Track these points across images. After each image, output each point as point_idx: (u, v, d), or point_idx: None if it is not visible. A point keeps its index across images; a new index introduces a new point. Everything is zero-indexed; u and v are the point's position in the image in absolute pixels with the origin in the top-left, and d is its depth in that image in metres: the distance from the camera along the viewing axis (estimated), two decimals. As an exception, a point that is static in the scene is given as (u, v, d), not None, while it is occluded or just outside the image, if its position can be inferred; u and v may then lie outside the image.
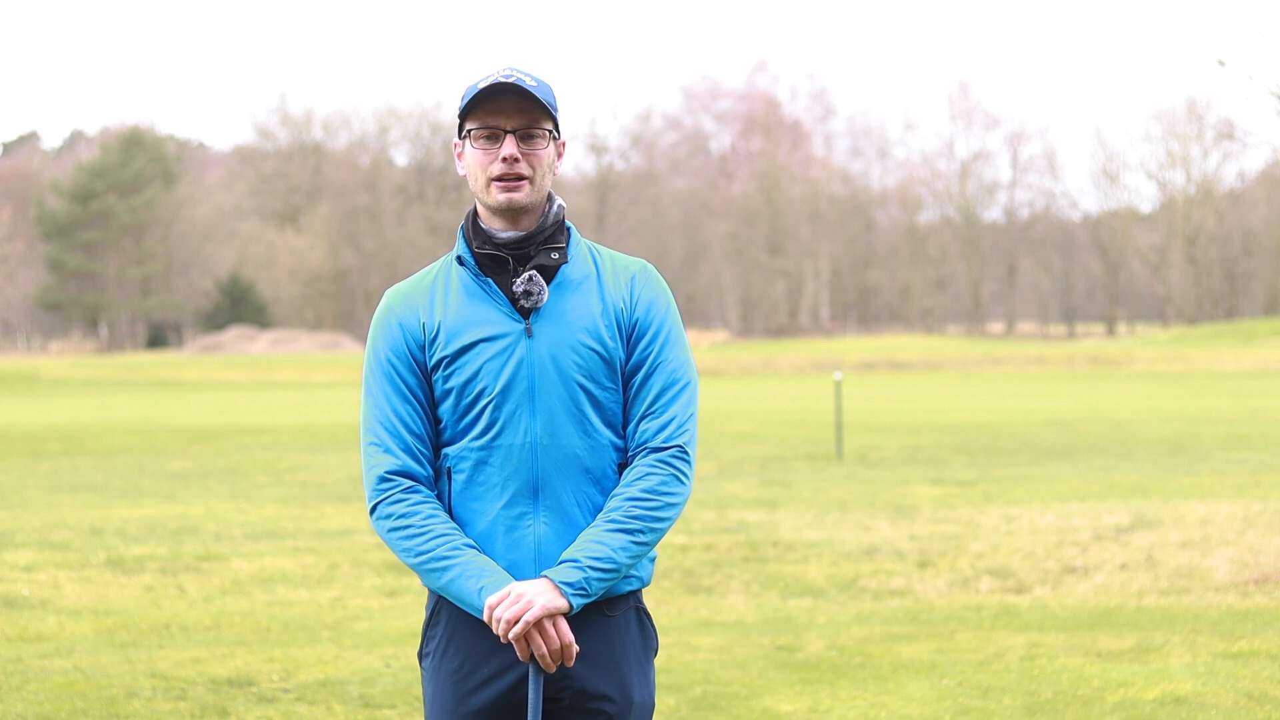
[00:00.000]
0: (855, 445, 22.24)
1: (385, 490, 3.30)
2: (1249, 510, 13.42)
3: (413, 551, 3.25)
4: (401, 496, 3.29)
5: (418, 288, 3.41)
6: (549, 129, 3.35)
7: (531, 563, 3.29)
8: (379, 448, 3.32)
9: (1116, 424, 26.54)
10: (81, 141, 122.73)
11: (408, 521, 3.27)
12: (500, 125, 3.32)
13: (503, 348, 3.30)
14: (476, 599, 3.20)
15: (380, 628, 9.30)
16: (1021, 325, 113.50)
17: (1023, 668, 7.80)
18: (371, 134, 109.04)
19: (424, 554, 3.24)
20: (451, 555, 3.23)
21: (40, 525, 14.13)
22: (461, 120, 3.37)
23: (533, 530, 3.30)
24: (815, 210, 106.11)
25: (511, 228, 3.35)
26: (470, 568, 3.22)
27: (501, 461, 3.30)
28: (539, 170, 3.33)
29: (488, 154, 3.33)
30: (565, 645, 3.20)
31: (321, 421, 30.67)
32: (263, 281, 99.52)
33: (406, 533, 3.26)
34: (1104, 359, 61.91)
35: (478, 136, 3.34)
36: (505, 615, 3.15)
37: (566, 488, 3.31)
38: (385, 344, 3.36)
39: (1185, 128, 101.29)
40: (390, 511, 3.29)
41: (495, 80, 3.30)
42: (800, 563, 11.45)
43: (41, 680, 7.74)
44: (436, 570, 3.23)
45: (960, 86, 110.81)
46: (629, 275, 3.42)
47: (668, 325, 3.40)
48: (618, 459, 3.37)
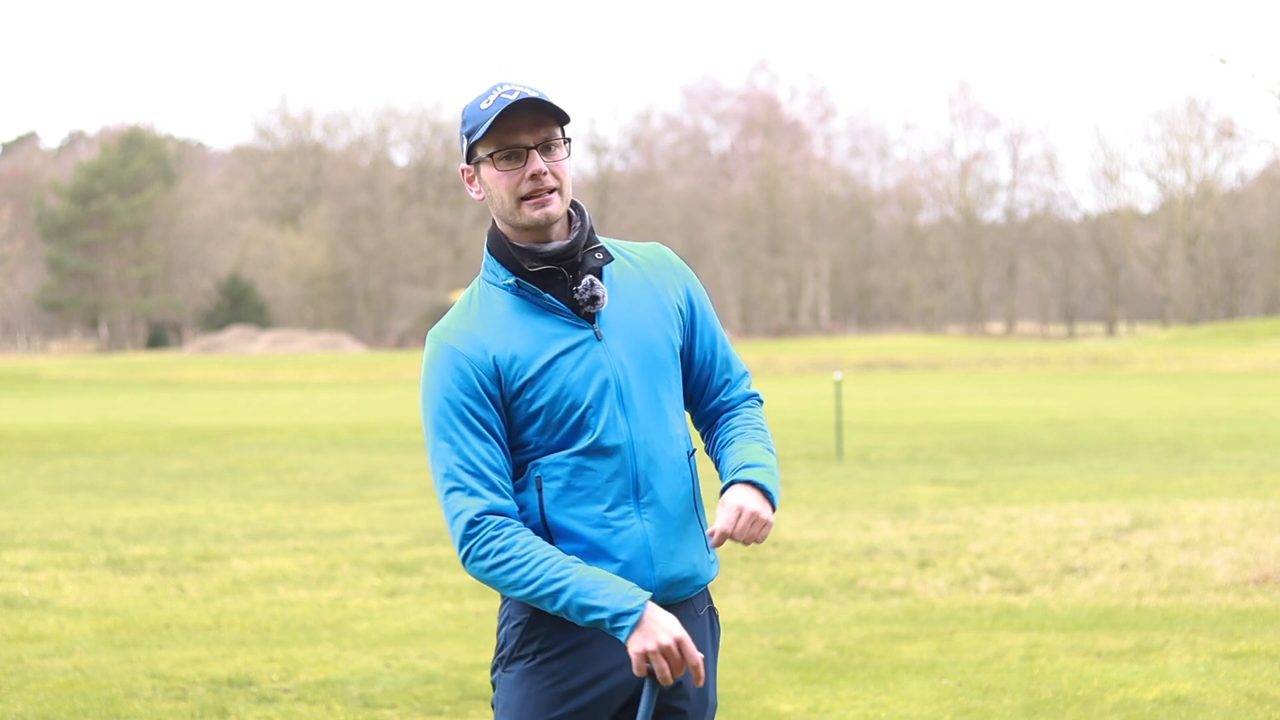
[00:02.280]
0: (855, 445, 22.23)
1: (478, 532, 3.23)
2: (1249, 510, 13.42)
3: (521, 582, 3.20)
4: (494, 533, 3.23)
5: (469, 320, 3.34)
6: (563, 136, 3.34)
7: (644, 561, 3.29)
8: (463, 492, 3.25)
9: (1116, 424, 26.54)
10: (81, 141, 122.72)
11: (508, 555, 3.21)
12: (522, 143, 3.28)
13: (581, 356, 3.28)
14: (604, 611, 3.16)
15: (380, 628, 9.30)
16: (1021, 325, 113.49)
17: (1023, 668, 7.80)
18: (371, 134, 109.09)
19: (533, 580, 3.19)
20: (563, 575, 3.18)
21: (40, 525, 14.13)
22: (471, 145, 3.33)
23: (639, 529, 3.29)
24: (815, 210, 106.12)
25: (545, 239, 3.32)
26: (585, 581, 3.18)
27: (600, 466, 3.28)
28: (564, 179, 3.32)
29: (513, 175, 3.28)
30: (694, 665, 3.18)
31: (321, 421, 30.67)
32: (263, 281, 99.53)
33: (508, 565, 3.21)
34: (1104, 359, 61.91)
35: (499, 159, 3.29)
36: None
37: (661, 483, 3.34)
38: (455, 385, 3.27)
39: (1185, 128, 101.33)
40: (487, 550, 3.22)
41: (509, 102, 3.26)
42: (800, 563, 11.45)
43: (41, 680, 7.74)
44: (550, 594, 3.19)
45: (960, 86, 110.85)
46: (658, 259, 3.48)
47: (702, 292, 3.53)
48: (688, 449, 3.44)
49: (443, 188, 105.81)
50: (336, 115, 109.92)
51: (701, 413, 3.53)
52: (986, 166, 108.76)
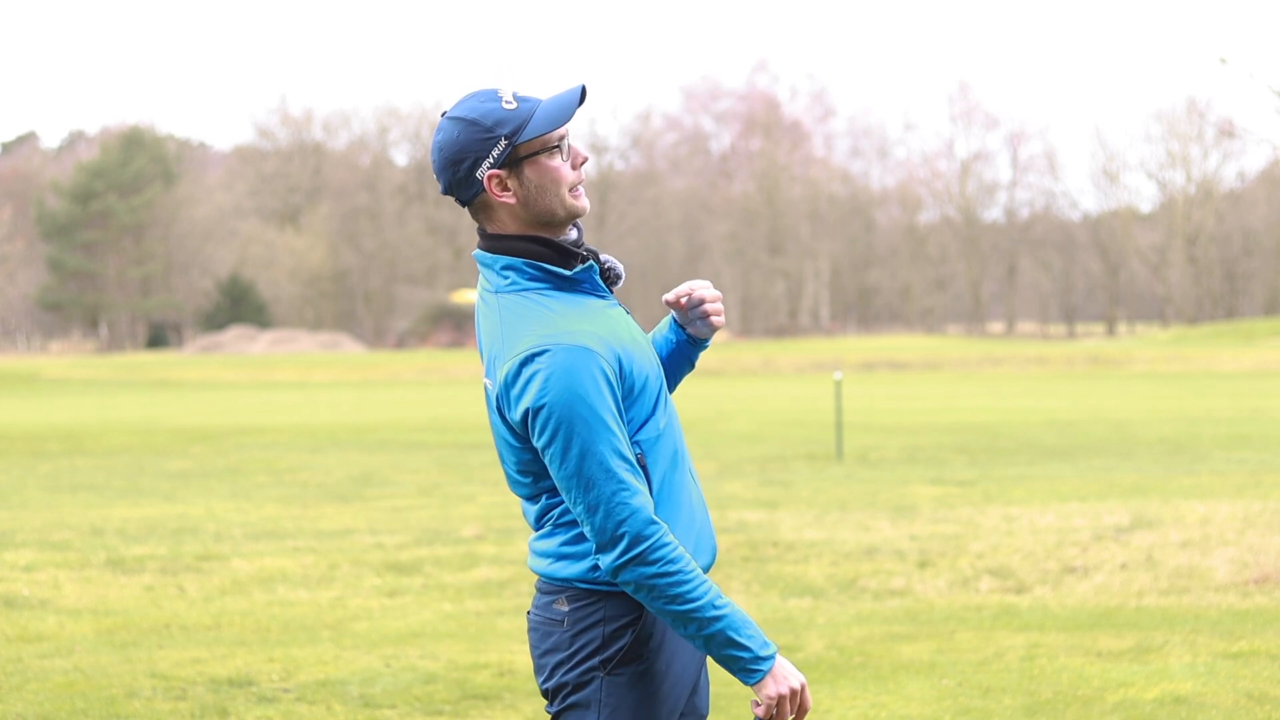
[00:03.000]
0: (855, 445, 22.23)
1: (655, 534, 3.22)
2: (1249, 510, 13.42)
3: (684, 597, 3.21)
4: (667, 540, 3.23)
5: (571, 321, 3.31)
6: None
7: (707, 521, 3.45)
8: (628, 492, 3.23)
9: (1116, 424, 26.53)
10: (81, 141, 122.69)
11: (677, 567, 3.22)
12: (564, 136, 3.34)
13: (634, 328, 3.42)
14: (747, 651, 3.24)
15: (380, 628, 9.30)
16: (1021, 325, 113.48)
17: (1023, 668, 7.80)
18: (371, 134, 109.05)
19: (695, 600, 3.22)
20: (721, 605, 3.24)
21: (40, 525, 14.13)
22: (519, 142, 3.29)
23: (696, 489, 3.46)
24: (815, 210, 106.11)
25: (567, 231, 3.40)
26: (737, 616, 3.26)
27: (670, 432, 3.39)
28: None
29: (564, 166, 3.33)
30: (806, 710, 3.31)
31: (321, 421, 30.67)
32: (263, 281, 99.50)
33: (675, 578, 3.22)
34: (1104, 359, 61.91)
35: (554, 154, 3.32)
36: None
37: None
38: (599, 385, 3.23)
39: (1185, 128, 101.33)
40: (659, 556, 3.21)
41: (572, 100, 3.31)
42: (800, 563, 11.44)
43: (41, 680, 7.74)
44: (705, 619, 3.22)
45: (960, 86, 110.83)
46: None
47: None
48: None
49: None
50: (336, 115, 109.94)
51: None
52: (986, 166, 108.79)
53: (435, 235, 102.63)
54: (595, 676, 3.36)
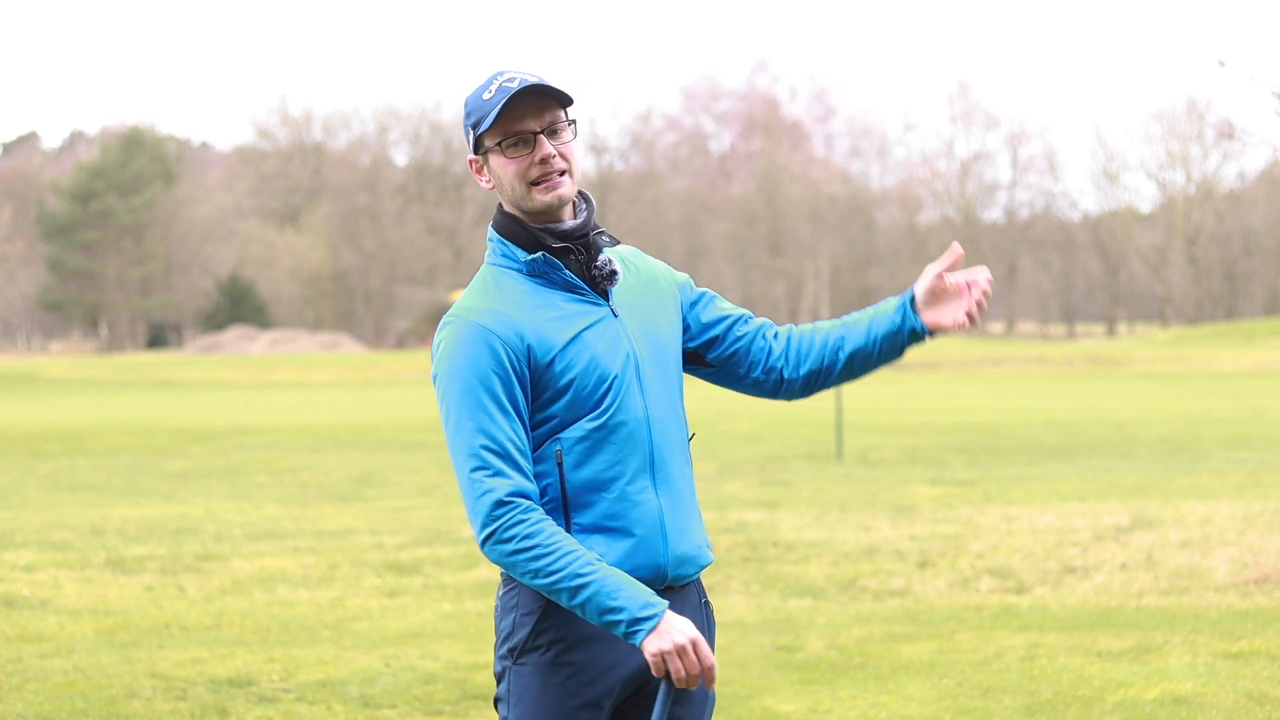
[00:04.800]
0: (855, 445, 22.23)
1: (504, 514, 3.22)
2: (1249, 510, 13.42)
3: (542, 572, 3.20)
4: (521, 517, 3.22)
5: (497, 301, 3.33)
6: (567, 118, 3.37)
7: (658, 536, 3.32)
8: (488, 473, 3.24)
9: (1116, 424, 26.53)
10: (81, 141, 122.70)
11: (534, 542, 3.21)
12: (529, 129, 3.31)
13: (602, 331, 3.33)
14: (621, 613, 3.17)
15: (380, 628, 9.30)
16: (1021, 325, 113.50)
17: (1023, 668, 7.79)
18: (371, 134, 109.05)
19: (555, 572, 3.19)
20: (586, 572, 3.18)
21: (40, 525, 14.13)
22: (477, 135, 3.35)
23: (656, 504, 3.32)
24: (815, 210, 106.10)
25: (557, 220, 3.36)
26: (608, 583, 3.18)
27: (623, 439, 3.30)
28: (572, 161, 3.36)
29: (521, 160, 3.31)
30: (707, 669, 3.20)
31: (321, 421, 30.67)
32: (263, 281, 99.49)
33: (533, 553, 3.20)
34: (1104, 359, 61.91)
35: (508, 147, 3.32)
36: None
37: (673, 460, 3.38)
38: (485, 363, 3.27)
39: (1185, 128, 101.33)
40: (513, 534, 3.21)
41: (513, 90, 3.29)
42: (800, 563, 11.44)
43: (41, 680, 7.74)
44: (570, 589, 3.19)
45: (960, 86, 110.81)
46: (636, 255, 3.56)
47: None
48: (690, 433, 3.48)
49: (443, 188, 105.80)
50: (336, 115, 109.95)
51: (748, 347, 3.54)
52: (986, 166, 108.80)
53: (435, 235, 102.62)
54: (506, 666, 3.38)
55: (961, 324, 3.40)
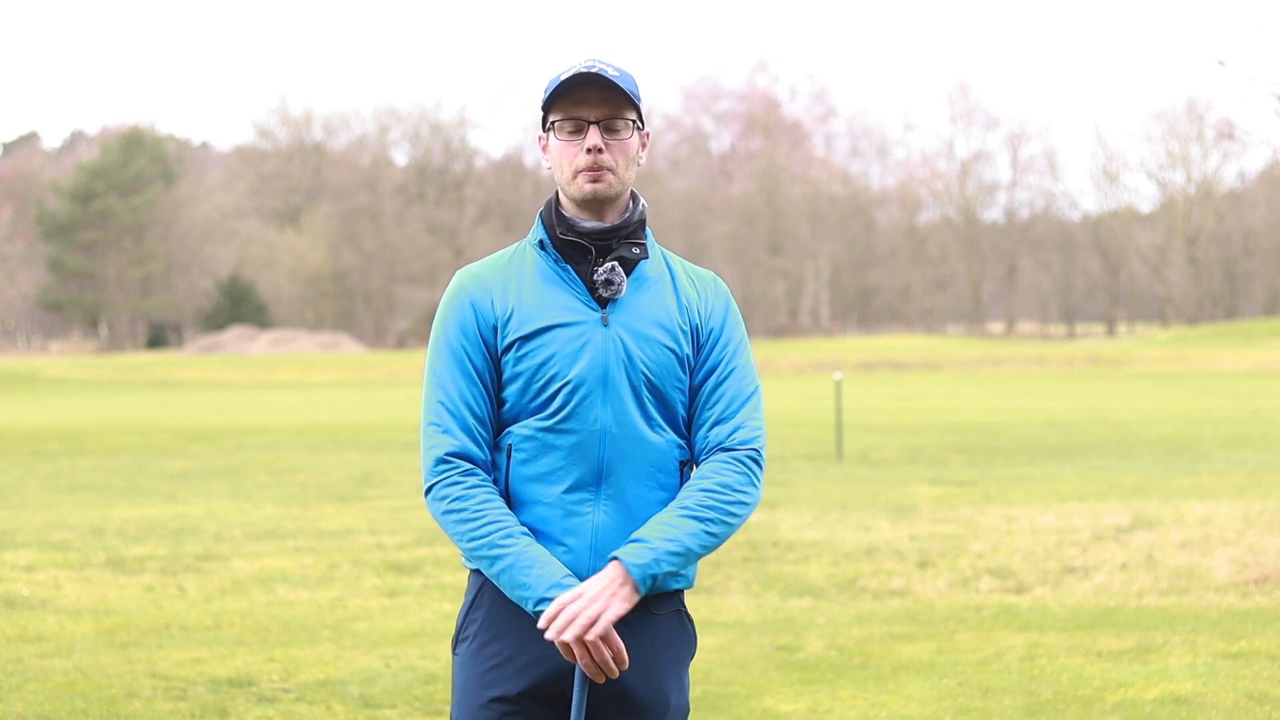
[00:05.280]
0: (855, 445, 22.23)
1: (443, 472, 3.26)
2: (1249, 510, 13.42)
3: (466, 536, 3.22)
4: (459, 479, 3.24)
5: (492, 269, 3.38)
6: (632, 119, 3.36)
7: (588, 550, 3.26)
8: (439, 428, 3.28)
9: (1116, 424, 26.53)
10: (81, 141, 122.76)
11: (463, 505, 3.23)
12: (584, 116, 3.32)
13: (578, 334, 3.29)
14: (530, 591, 3.16)
15: (380, 628, 9.29)
16: (1021, 325, 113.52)
17: (1023, 668, 7.79)
18: (371, 134, 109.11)
19: (477, 539, 3.20)
20: (505, 544, 3.18)
21: (40, 525, 14.13)
22: (545, 113, 3.36)
23: (592, 518, 3.27)
24: (815, 210, 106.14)
25: (595, 218, 3.35)
26: (524, 557, 3.17)
27: (569, 447, 3.27)
28: (623, 161, 3.34)
29: (572, 145, 3.32)
30: (616, 653, 3.15)
31: (321, 421, 30.67)
32: (263, 281, 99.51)
33: (460, 516, 3.22)
34: (1104, 359, 61.91)
35: (562, 129, 3.33)
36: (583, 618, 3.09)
37: (630, 479, 3.29)
38: (455, 324, 3.33)
39: (1185, 128, 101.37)
40: (446, 494, 3.25)
41: (577, 71, 3.30)
42: (800, 563, 11.44)
43: (41, 680, 7.74)
44: (489, 558, 3.20)
45: (960, 86, 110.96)
46: (703, 282, 3.45)
47: (739, 333, 3.43)
48: (680, 456, 3.36)
49: (443, 188, 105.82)
50: (336, 115, 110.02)
51: (693, 441, 3.40)
52: (986, 166, 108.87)
53: (435, 235, 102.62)
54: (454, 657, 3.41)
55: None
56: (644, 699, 3.31)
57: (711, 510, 3.24)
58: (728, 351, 3.39)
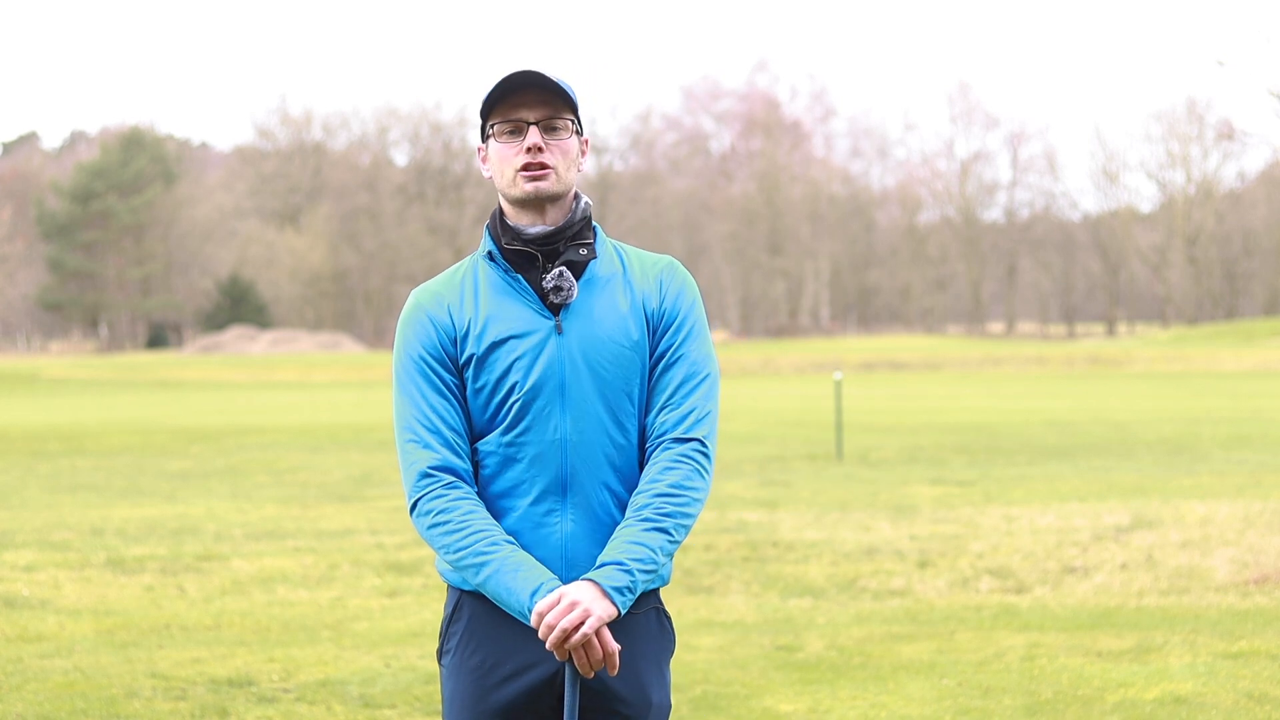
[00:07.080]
0: (855, 445, 22.23)
1: (426, 486, 3.27)
2: (1249, 510, 13.42)
3: (451, 548, 3.22)
4: (442, 492, 3.25)
5: (447, 285, 3.38)
6: (571, 121, 3.35)
7: (559, 560, 3.27)
8: (418, 444, 3.29)
9: (1116, 424, 26.53)
10: (81, 141, 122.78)
11: (447, 517, 3.23)
12: (523, 118, 3.31)
13: (533, 344, 3.28)
14: (515, 597, 3.16)
15: (380, 628, 9.29)
16: (1021, 325, 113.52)
17: (1023, 668, 7.79)
18: (371, 134, 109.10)
19: (462, 549, 3.20)
20: (489, 551, 3.18)
21: (40, 525, 14.13)
22: (484, 121, 3.37)
23: (560, 528, 3.27)
24: (815, 210, 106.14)
25: (539, 221, 3.33)
26: (508, 563, 3.17)
27: (531, 458, 3.27)
28: (563, 161, 3.32)
29: (511, 146, 3.32)
30: (609, 654, 3.15)
31: (321, 421, 30.67)
32: (263, 281, 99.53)
33: (445, 528, 3.23)
34: (1104, 359, 61.91)
35: (501, 132, 3.32)
36: (562, 624, 3.09)
37: (595, 486, 3.29)
38: (417, 340, 3.34)
39: (1185, 128, 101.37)
40: (430, 508, 3.25)
41: (514, 72, 3.30)
42: (800, 563, 11.44)
43: (41, 680, 7.74)
44: (474, 566, 3.20)
45: (960, 86, 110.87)
46: (656, 270, 3.41)
47: (692, 318, 3.39)
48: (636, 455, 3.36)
49: (443, 188, 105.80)
50: (336, 115, 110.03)
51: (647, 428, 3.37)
52: (986, 166, 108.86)
53: (435, 235, 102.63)
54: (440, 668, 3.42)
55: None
56: (626, 697, 3.31)
57: (671, 518, 3.24)
58: (679, 337, 3.36)
